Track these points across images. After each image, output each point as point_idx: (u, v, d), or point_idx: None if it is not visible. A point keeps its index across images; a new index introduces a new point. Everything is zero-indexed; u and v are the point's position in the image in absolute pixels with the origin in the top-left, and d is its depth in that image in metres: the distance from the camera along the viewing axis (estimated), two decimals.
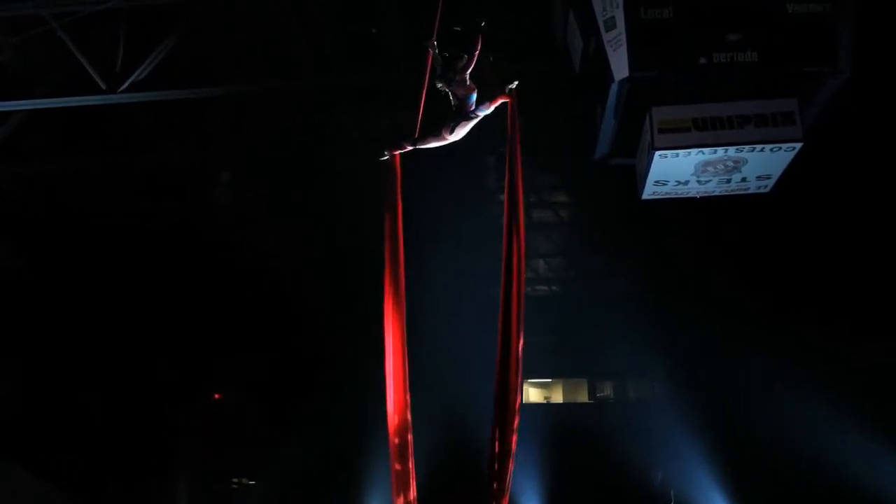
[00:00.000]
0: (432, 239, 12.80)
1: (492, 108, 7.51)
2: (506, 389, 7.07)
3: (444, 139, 7.65)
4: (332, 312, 18.23)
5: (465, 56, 7.48)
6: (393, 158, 7.78)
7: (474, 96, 7.48)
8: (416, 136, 7.73)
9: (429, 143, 7.71)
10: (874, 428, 14.50)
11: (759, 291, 15.40)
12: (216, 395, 19.37)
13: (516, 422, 7.07)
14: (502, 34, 10.57)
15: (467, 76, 7.53)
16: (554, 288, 20.55)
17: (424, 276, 10.70)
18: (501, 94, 7.50)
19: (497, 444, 7.05)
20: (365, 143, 12.85)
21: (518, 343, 7.13)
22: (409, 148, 7.74)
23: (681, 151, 8.47)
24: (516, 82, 7.55)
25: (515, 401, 7.07)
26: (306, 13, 10.66)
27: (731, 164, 8.71)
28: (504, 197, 7.61)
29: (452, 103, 7.57)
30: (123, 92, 10.66)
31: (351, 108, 12.81)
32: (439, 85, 7.55)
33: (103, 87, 10.62)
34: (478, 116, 7.53)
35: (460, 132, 7.59)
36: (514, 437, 7.09)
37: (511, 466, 7.09)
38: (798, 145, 8.33)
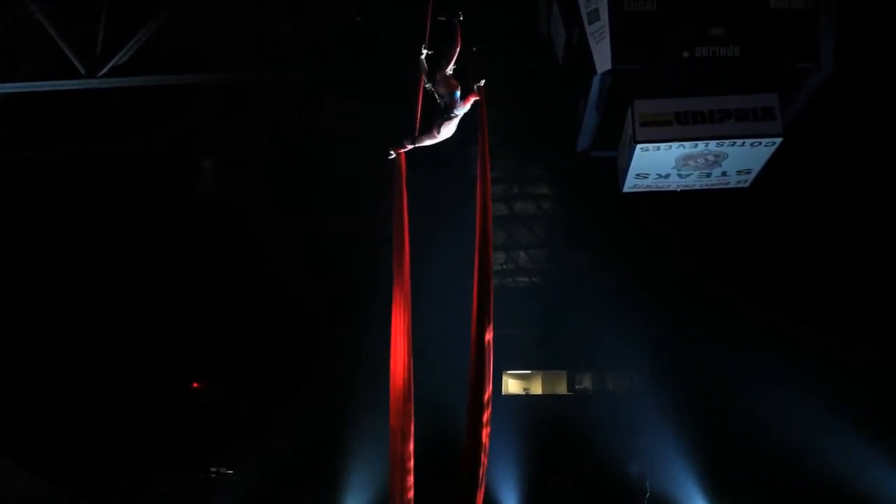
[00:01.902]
0: (433, 233, 12.86)
1: (467, 106, 7.69)
2: (477, 383, 7.16)
3: (435, 137, 7.80)
4: (320, 305, 18.21)
5: (446, 54, 7.59)
6: (398, 157, 7.96)
7: (458, 93, 7.59)
8: (416, 134, 7.90)
9: (424, 141, 7.92)
10: (858, 423, 14.60)
11: (742, 285, 15.49)
12: (195, 384, 19.30)
13: (486, 415, 7.14)
14: (488, 29, 10.63)
15: (448, 73, 7.63)
16: (535, 279, 20.60)
17: (427, 270, 10.79)
18: (471, 91, 7.69)
19: (470, 437, 7.10)
20: (357, 136, 12.93)
21: (487, 335, 7.25)
22: (410, 146, 7.92)
23: (662, 145, 8.47)
24: (483, 80, 7.76)
25: (485, 394, 7.13)
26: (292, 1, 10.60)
27: (711, 158, 8.73)
28: (476, 190, 7.83)
29: (439, 101, 7.68)
30: (103, 77, 10.56)
31: (340, 98, 12.79)
32: (427, 85, 7.66)
33: (83, 71, 10.52)
34: (457, 115, 7.67)
35: (446, 131, 7.82)
36: (486, 431, 7.13)
37: (484, 460, 7.12)
38: (778, 140, 8.35)
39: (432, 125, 7.81)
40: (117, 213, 15.27)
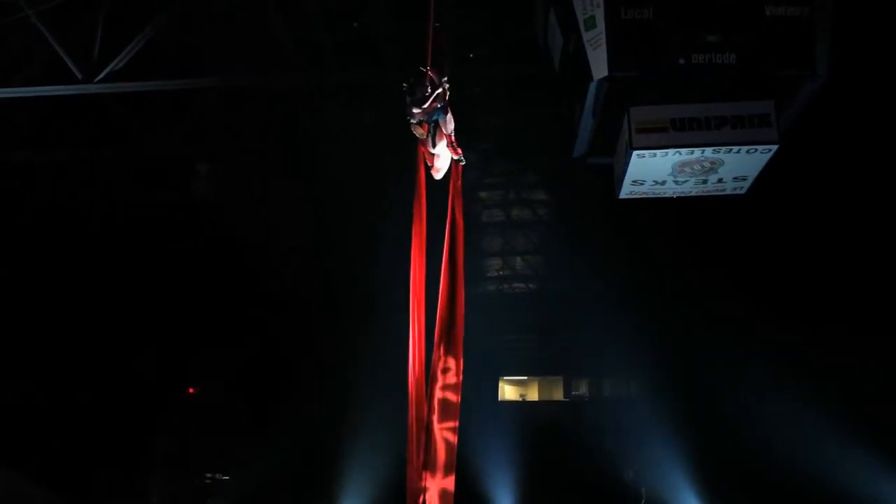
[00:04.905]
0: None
1: (442, 140, 7.28)
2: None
3: (436, 154, 7.40)
4: (314, 309, 18.20)
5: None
6: (418, 150, 7.45)
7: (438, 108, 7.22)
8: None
9: (437, 160, 7.46)
10: (856, 431, 14.59)
11: (740, 291, 15.51)
12: (190, 390, 19.29)
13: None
14: (484, 36, 10.64)
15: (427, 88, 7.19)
16: (531, 285, 20.61)
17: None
18: (455, 158, 7.36)
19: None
20: (355, 140, 12.90)
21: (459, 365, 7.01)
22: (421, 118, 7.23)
23: (658, 151, 8.47)
24: (464, 161, 7.44)
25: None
26: (290, 5, 10.60)
27: (707, 164, 8.73)
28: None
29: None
30: (100, 82, 10.52)
31: (337, 101, 12.80)
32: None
33: (79, 76, 10.48)
34: (437, 124, 7.22)
35: (436, 141, 7.31)
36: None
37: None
38: (774, 147, 8.36)
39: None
40: (113, 217, 15.25)
